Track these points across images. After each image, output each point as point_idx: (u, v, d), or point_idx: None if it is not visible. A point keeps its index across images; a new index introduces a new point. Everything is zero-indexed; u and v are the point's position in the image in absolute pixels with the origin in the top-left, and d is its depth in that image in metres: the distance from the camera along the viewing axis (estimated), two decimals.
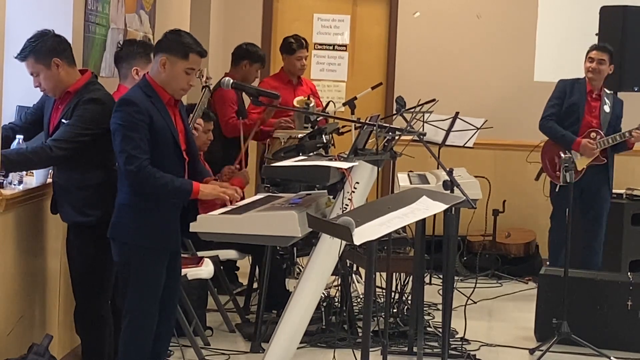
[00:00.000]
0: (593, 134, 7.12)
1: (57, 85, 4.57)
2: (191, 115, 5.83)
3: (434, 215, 4.22)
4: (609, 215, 7.42)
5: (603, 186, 7.19)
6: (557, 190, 7.16)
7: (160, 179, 4.22)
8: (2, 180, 4.48)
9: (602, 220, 7.23)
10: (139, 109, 4.22)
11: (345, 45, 9.41)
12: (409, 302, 6.24)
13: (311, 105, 7.04)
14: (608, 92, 7.32)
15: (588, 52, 7.21)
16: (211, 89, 6.12)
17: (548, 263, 7.27)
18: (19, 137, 4.57)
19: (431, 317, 6.65)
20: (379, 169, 4.80)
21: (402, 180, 6.44)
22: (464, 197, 4.72)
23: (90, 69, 4.91)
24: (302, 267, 5.51)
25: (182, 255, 4.80)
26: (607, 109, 7.21)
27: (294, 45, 7.54)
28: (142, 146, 4.21)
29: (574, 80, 7.27)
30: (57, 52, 4.53)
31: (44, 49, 4.50)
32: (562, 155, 6.24)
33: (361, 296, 6.79)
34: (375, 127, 4.69)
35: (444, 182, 5.08)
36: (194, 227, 4.21)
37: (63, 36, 4.68)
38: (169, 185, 4.24)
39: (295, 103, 7.07)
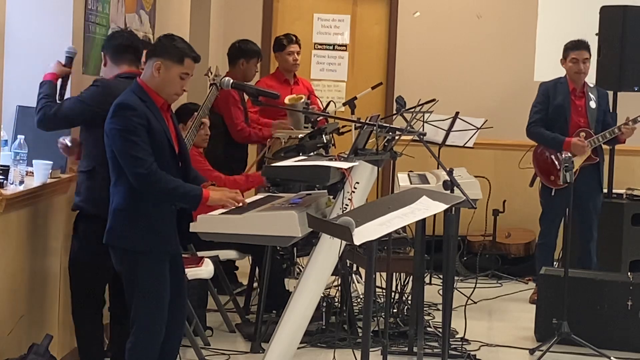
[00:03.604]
0: (582, 134, 7.05)
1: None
2: (195, 113, 5.81)
3: (434, 215, 4.21)
4: (609, 216, 7.41)
5: (594, 186, 7.11)
6: (552, 194, 7.11)
7: (171, 183, 4.20)
8: (2, 180, 4.49)
9: (595, 221, 7.16)
10: (138, 113, 4.20)
11: (345, 45, 9.40)
12: (409, 302, 6.24)
13: (304, 101, 7.00)
14: (591, 86, 7.24)
15: (569, 52, 7.07)
16: (218, 87, 6.04)
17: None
18: (20, 137, 4.59)
19: (431, 317, 6.64)
20: (379, 169, 4.81)
21: (402, 180, 6.45)
22: (464, 197, 4.72)
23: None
24: (302, 267, 5.51)
25: (183, 255, 4.79)
26: (593, 104, 7.12)
27: (284, 42, 7.59)
28: (146, 149, 4.18)
29: (556, 81, 7.18)
30: (104, 48, 4.93)
31: (107, 44, 4.95)
32: (559, 156, 6.19)
33: (361, 296, 6.79)
34: (375, 127, 4.69)
35: (444, 182, 5.08)
36: (194, 227, 4.21)
37: (132, 37, 4.98)
38: (179, 190, 4.22)
39: (286, 101, 7.04)
